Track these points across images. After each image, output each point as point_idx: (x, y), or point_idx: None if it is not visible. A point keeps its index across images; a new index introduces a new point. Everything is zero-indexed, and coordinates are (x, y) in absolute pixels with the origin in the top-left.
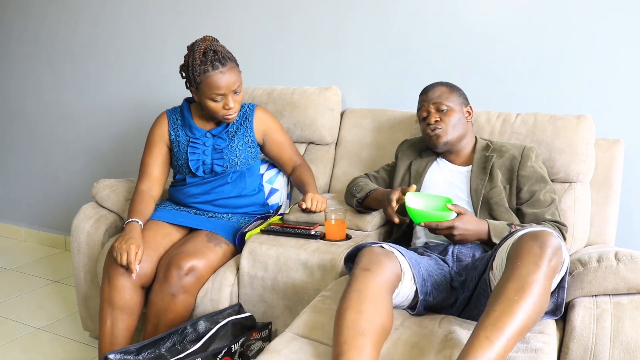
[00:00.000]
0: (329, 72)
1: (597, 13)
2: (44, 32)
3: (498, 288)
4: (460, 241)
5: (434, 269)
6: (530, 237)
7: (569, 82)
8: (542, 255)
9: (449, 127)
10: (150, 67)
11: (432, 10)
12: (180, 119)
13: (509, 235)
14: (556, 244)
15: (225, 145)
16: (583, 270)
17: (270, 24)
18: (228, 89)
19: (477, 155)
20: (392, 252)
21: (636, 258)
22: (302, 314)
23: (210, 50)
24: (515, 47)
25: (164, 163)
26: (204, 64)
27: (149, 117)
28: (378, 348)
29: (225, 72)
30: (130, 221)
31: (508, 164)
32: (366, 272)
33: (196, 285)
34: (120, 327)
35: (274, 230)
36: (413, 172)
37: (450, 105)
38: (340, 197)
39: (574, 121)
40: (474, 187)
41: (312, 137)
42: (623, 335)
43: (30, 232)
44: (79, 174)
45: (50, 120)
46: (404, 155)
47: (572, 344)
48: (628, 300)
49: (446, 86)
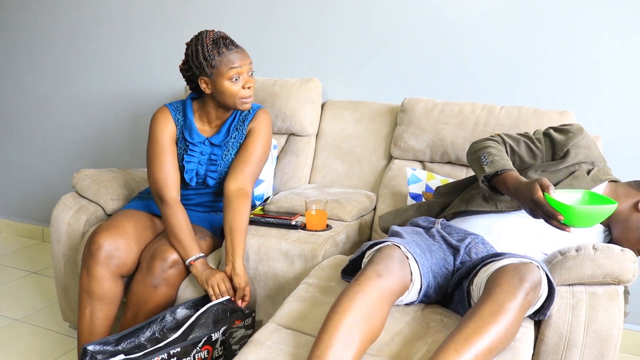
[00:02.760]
0: (310, 64)
1: (580, 9)
2: (22, 20)
3: (474, 308)
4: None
5: (439, 268)
6: (513, 268)
7: (552, 78)
8: (520, 287)
9: None
10: (132, 57)
11: (413, 2)
12: (182, 119)
13: (492, 258)
14: (536, 280)
15: (221, 153)
16: (562, 258)
17: (252, 16)
18: (245, 65)
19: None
20: (407, 259)
21: (612, 248)
22: (285, 303)
23: (220, 37)
24: (497, 42)
25: (176, 163)
26: (218, 47)
27: (130, 107)
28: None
29: (240, 51)
30: (196, 258)
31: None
32: (378, 277)
33: (179, 277)
34: (99, 316)
35: (255, 220)
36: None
37: None
38: (321, 188)
39: (557, 116)
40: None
41: (293, 128)
42: (596, 324)
43: (7, 223)
44: (57, 164)
45: (28, 110)
46: (577, 151)
47: (548, 331)
48: (602, 290)
49: None
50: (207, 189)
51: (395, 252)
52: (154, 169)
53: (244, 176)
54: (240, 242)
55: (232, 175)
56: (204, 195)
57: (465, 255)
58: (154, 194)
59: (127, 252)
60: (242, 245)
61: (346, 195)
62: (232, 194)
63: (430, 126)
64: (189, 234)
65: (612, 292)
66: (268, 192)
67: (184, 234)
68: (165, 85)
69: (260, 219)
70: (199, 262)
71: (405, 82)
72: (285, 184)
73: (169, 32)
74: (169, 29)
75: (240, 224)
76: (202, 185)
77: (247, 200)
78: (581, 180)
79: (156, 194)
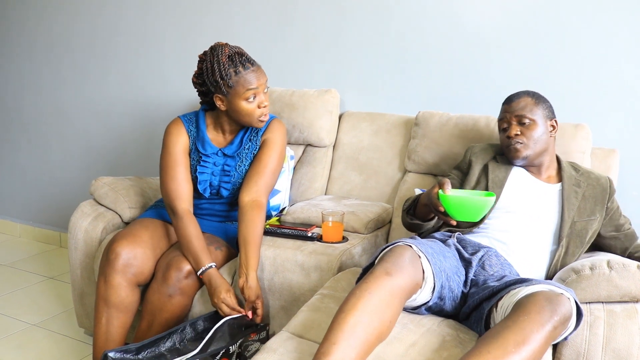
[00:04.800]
0: (328, 75)
1: (596, 22)
2: (42, 29)
3: (498, 333)
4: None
5: (453, 274)
6: (545, 297)
7: (567, 91)
8: (550, 320)
9: (530, 142)
10: (149, 66)
11: (431, 15)
12: (195, 130)
13: (520, 284)
14: (567, 313)
15: (234, 164)
16: (577, 277)
17: (270, 26)
18: (261, 85)
19: (567, 175)
20: (419, 258)
21: (628, 266)
22: (300, 312)
23: (235, 53)
24: (514, 55)
25: (189, 175)
26: (235, 65)
27: (147, 115)
28: (365, 356)
29: (257, 70)
30: (207, 269)
31: (599, 196)
32: (387, 275)
33: (194, 287)
34: (115, 324)
35: (271, 231)
36: (491, 176)
37: (534, 119)
38: (337, 200)
39: (572, 130)
40: (569, 208)
41: (310, 139)
42: (615, 343)
43: (25, 228)
44: (75, 170)
45: (47, 117)
46: (477, 157)
47: (565, 349)
48: (621, 308)
49: (532, 97)
50: (222, 199)
51: (406, 251)
52: (166, 180)
53: (258, 188)
54: (254, 254)
55: (247, 186)
56: (218, 205)
57: (478, 267)
58: (166, 205)
59: (144, 261)
60: (255, 258)
61: (362, 207)
62: (247, 206)
63: (444, 140)
64: (198, 245)
65: (631, 310)
66: (284, 202)
67: (193, 245)
68: (181, 94)
69: (276, 230)
70: (207, 274)
71: (422, 94)
72: (302, 194)
73: (185, 41)
74: (186, 39)
75: (254, 236)
76: (215, 196)
77: (261, 212)
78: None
79: (168, 205)
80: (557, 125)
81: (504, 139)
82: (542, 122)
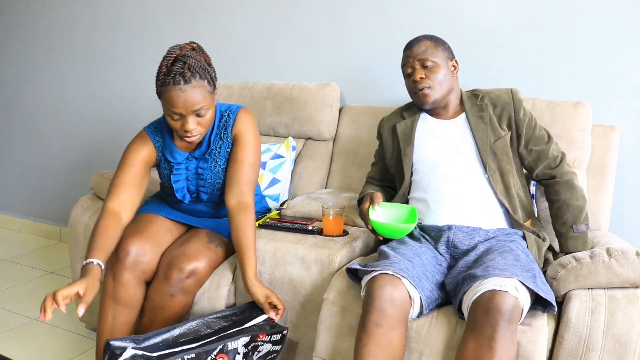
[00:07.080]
0: (328, 69)
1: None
2: (43, 23)
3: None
4: None
5: (432, 266)
6: (483, 309)
7: (566, 69)
8: (499, 320)
9: (435, 84)
10: (149, 61)
11: (431, 8)
12: (161, 140)
13: (473, 280)
14: (510, 308)
15: (207, 166)
16: (577, 264)
17: (271, 20)
18: (186, 110)
19: (469, 105)
20: (400, 280)
21: (627, 254)
22: (322, 334)
23: (180, 61)
24: (513, 36)
25: (139, 186)
26: (167, 75)
27: (147, 110)
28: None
29: (186, 91)
30: (89, 263)
31: (504, 111)
32: (378, 328)
33: (196, 286)
34: (121, 321)
35: (272, 225)
36: (400, 135)
37: (436, 61)
38: (337, 193)
39: (572, 108)
40: (480, 136)
41: (310, 132)
42: (615, 328)
43: (26, 223)
44: (75, 165)
45: (48, 112)
46: (384, 128)
47: (567, 334)
48: (622, 294)
49: (431, 40)
50: (206, 202)
51: (386, 283)
52: (113, 177)
53: (240, 189)
54: (249, 258)
55: (229, 189)
56: (203, 205)
57: (453, 249)
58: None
59: (153, 257)
60: (251, 262)
61: None
62: (234, 210)
63: None
64: (99, 239)
65: (632, 296)
66: (284, 192)
67: (94, 237)
68: None
69: (276, 224)
70: (91, 267)
71: None
72: (302, 188)
73: (186, 34)
74: (186, 32)
75: (246, 239)
76: (197, 199)
77: (249, 213)
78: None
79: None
80: (458, 65)
81: (410, 84)
82: (444, 64)
